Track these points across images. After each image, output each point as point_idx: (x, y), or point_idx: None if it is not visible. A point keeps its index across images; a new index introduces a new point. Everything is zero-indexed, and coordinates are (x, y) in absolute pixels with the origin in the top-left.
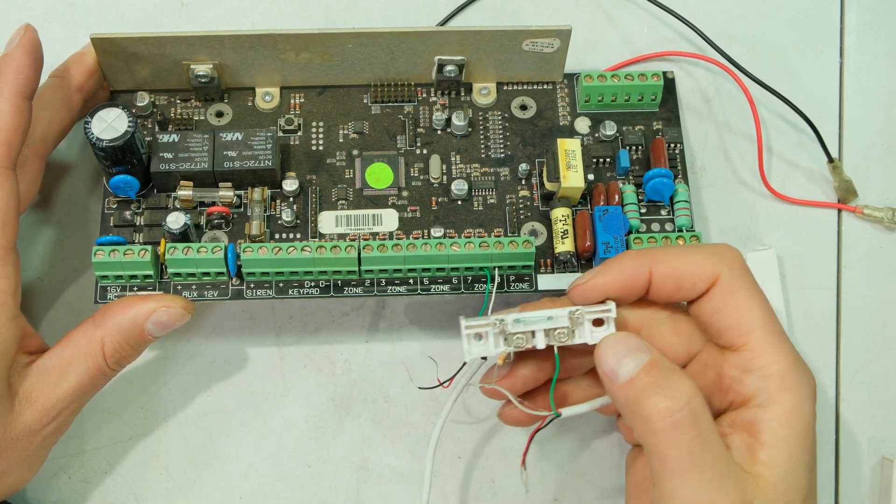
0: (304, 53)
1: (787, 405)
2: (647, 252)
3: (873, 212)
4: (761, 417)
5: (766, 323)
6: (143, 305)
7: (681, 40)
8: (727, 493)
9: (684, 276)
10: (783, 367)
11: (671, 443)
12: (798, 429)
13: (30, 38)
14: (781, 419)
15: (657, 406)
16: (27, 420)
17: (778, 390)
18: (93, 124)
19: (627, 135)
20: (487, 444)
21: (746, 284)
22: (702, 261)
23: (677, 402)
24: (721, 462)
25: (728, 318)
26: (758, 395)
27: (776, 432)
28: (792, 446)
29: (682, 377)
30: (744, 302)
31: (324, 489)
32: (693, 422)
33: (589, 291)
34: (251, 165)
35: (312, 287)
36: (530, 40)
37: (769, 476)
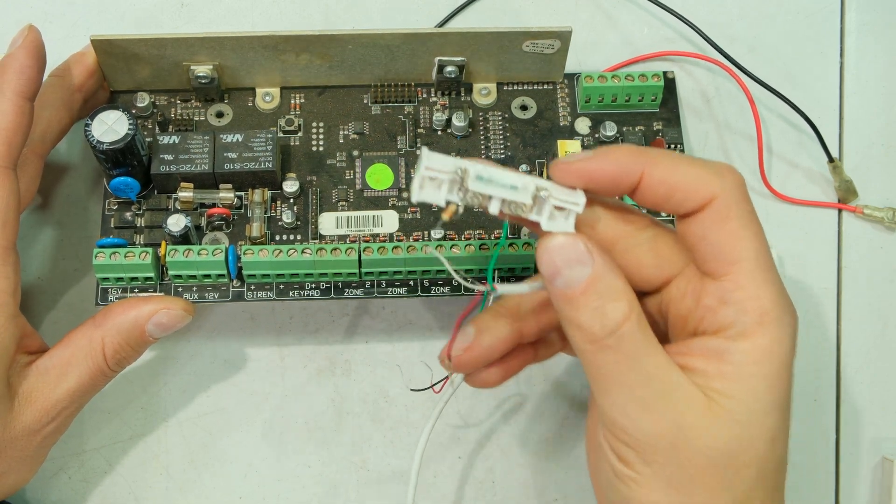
0: (304, 54)
1: (762, 343)
2: (646, 151)
3: (873, 212)
4: (731, 349)
5: (756, 256)
6: (145, 307)
7: (681, 40)
8: (660, 414)
9: (677, 188)
10: (764, 304)
11: (595, 363)
12: (769, 369)
13: (33, 39)
14: (752, 356)
15: (588, 326)
16: (27, 420)
17: (754, 326)
18: (93, 127)
19: (628, 135)
20: (487, 444)
21: (743, 212)
22: (700, 176)
23: (605, 328)
24: (655, 382)
25: (715, 245)
26: (731, 328)
27: (743, 367)
28: (758, 384)
29: (616, 299)
30: (736, 230)
31: (324, 489)
32: (616, 348)
33: (573, 172)
34: (251, 167)
35: (313, 289)
36: (530, 41)
37: (729, 407)
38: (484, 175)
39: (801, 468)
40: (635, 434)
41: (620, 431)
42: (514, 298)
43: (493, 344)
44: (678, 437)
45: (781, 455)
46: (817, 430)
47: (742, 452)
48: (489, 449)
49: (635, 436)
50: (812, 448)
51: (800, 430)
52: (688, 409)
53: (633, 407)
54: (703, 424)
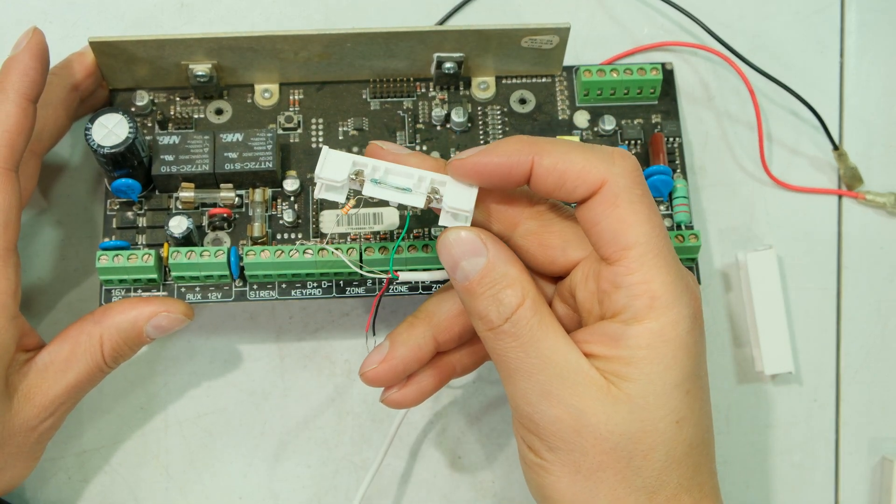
0: (302, 52)
1: (653, 326)
2: (535, 141)
3: (876, 197)
4: (625, 333)
5: (648, 240)
6: (145, 308)
7: (681, 32)
8: (559, 399)
9: (567, 174)
10: (655, 288)
11: (496, 349)
12: (664, 352)
13: (37, 42)
14: (645, 339)
15: (485, 314)
16: (25, 416)
17: (645, 310)
18: (93, 130)
19: (627, 129)
20: (487, 444)
21: (634, 197)
22: (588, 162)
23: (501, 315)
24: (554, 366)
25: (606, 231)
26: (625, 312)
27: (637, 351)
28: (653, 367)
29: (509, 286)
30: (626, 216)
31: (324, 489)
32: (513, 333)
33: (467, 168)
34: (252, 167)
35: (315, 287)
36: (529, 37)
37: (627, 390)
38: (380, 179)
39: (801, 468)
40: (538, 421)
41: (525, 419)
42: (429, 306)
43: (408, 354)
44: (580, 422)
45: (691, 437)
46: (817, 430)
47: (644, 436)
48: (489, 449)
49: (539, 422)
50: (812, 448)
51: (800, 430)
52: (587, 394)
53: (533, 392)
54: (602, 409)
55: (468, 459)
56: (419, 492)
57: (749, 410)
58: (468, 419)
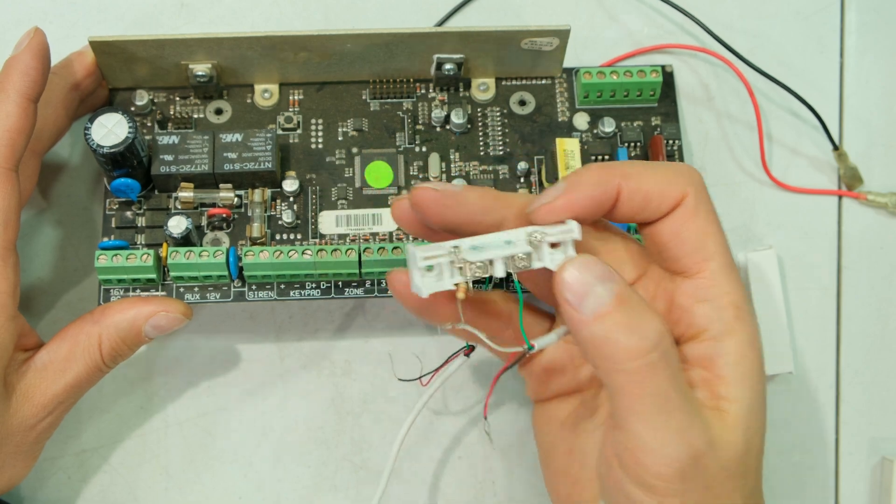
0: (302, 53)
1: (744, 337)
2: (615, 166)
3: (877, 197)
4: (718, 351)
5: (725, 251)
6: (144, 308)
7: (681, 33)
8: (696, 435)
9: (652, 193)
10: (738, 298)
11: (640, 384)
12: (756, 363)
13: (38, 42)
14: (739, 352)
15: (627, 345)
16: (23, 415)
17: (734, 321)
18: (93, 130)
19: (626, 131)
20: (487, 443)
21: (709, 208)
22: (670, 178)
23: (649, 342)
24: (688, 402)
25: (687, 242)
26: (712, 327)
27: (736, 367)
28: (752, 380)
29: (653, 312)
30: (706, 226)
31: (324, 489)
32: (665, 363)
33: (557, 211)
34: (251, 167)
35: (314, 288)
36: (529, 39)
37: (734, 411)
38: (476, 244)
39: (802, 468)
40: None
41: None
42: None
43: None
44: (708, 455)
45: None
46: (817, 430)
47: (750, 454)
48: (489, 449)
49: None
50: (812, 448)
51: (800, 430)
52: (712, 427)
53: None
54: (724, 437)
55: (468, 459)
56: (419, 492)
57: None
58: (468, 419)
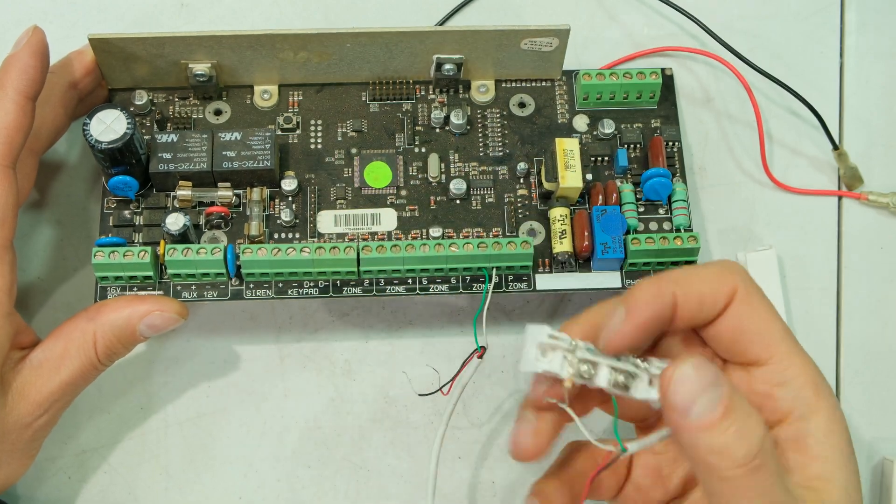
0: (302, 53)
1: (828, 413)
2: (666, 277)
3: (879, 197)
4: (806, 431)
5: (788, 333)
6: (139, 306)
7: (682, 34)
8: None
9: (706, 295)
10: (814, 375)
11: (747, 489)
12: (844, 436)
13: (37, 40)
14: (826, 428)
15: (733, 453)
16: (19, 413)
17: (816, 399)
18: (91, 126)
19: (626, 133)
20: (488, 444)
21: (762, 296)
22: (718, 276)
23: (753, 448)
24: (790, 495)
25: (752, 333)
26: (796, 409)
27: (825, 443)
28: (843, 455)
29: (757, 416)
30: (764, 314)
31: (324, 489)
32: (769, 463)
33: (627, 339)
34: (250, 165)
35: (312, 287)
36: (529, 39)
37: (829, 490)
38: (592, 349)
39: None
40: None
41: None
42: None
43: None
44: None
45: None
46: None
47: None
48: (489, 450)
49: None
50: None
51: None
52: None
53: None
54: None
55: (468, 459)
56: (419, 492)
57: None
58: (468, 419)
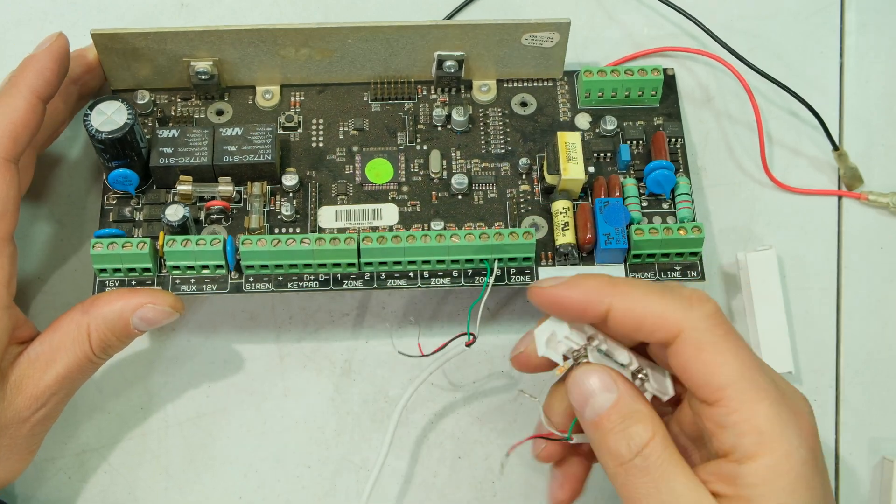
0: (303, 49)
1: (767, 462)
2: (617, 283)
3: (879, 197)
4: (739, 472)
5: (741, 377)
6: (132, 299)
7: (682, 35)
8: None
9: (644, 321)
10: (759, 424)
11: (627, 485)
12: (782, 483)
13: (60, 45)
14: (760, 475)
15: (615, 450)
16: (17, 407)
17: (755, 447)
18: (92, 117)
19: (628, 130)
20: (488, 443)
21: (717, 338)
22: (666, 310)
23: (631, 450)
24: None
25: (697, 375)
26: (734, 452)
27: (755, 489)
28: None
29: (640, 422)
30: (712, 358)
31: (324, 489)
32: (644, 468)
33: (545, 297)
34: (251, 159)
35: (312, 280)
36: (529, 34)
37: None
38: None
39: None
40: None
41: None
42: None
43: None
44: None
45: None
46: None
47: None
48: (489, 449)
49: None
50: None
51: None
52: None
53: None
54: None
55: (468, 459)
56: (419, 492)
57: None
58: (468, 419)
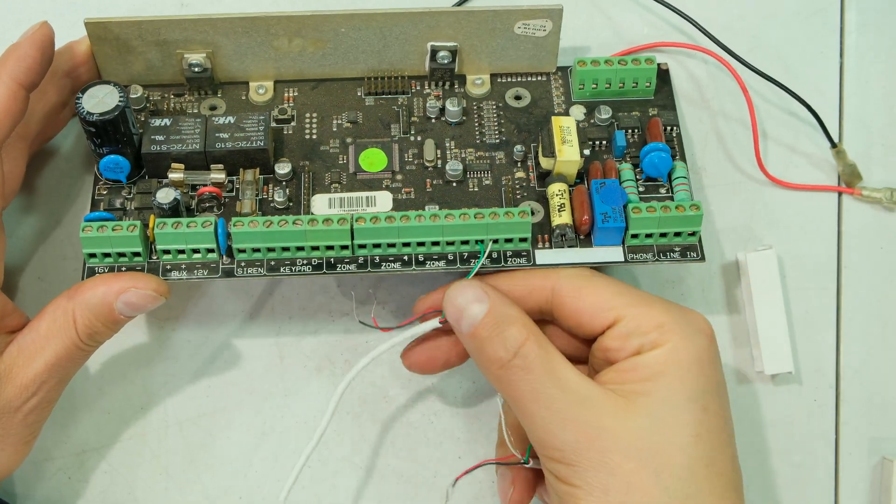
0: (297, 39)
1: (667, 347)
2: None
3: (872, 192)
4: (640, 361)
5: (625, 294)
6: (115, 284)
7: (676, 34)
8: (579, 422)
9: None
10: (658, 319)
11: (511, 386)
12: (679, 367)
13: (42, 33)
14: (660, 358)
15: (494, 355)
16: (7, 396)
17: (656, 338)
18: (84, 100)
19: (623, 119)
20: (487, 443)
21: (588, 278)
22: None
23: (508, 352)
24: (571, 393)
25: (586, 310)
26: (640, 350)
27: (653, 368)
28: (668, 380)
29: (513, 324)
30: (593, 289)
31: (324, 489)
32: (525, 367)
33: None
34: (243, 146)
35: (305, 265)
36: (522, 22)
37: (643, 402)
38: None
39: (801, 468)
40: (562, 447)
41: (549, 449)
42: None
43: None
44: (602, 440)
45: (712, 454)
46: (817, 430)
47: (666, 448)
48: (489, 449)
49: (563, 449)
50: (812, 448)
51: (800, 430)
52: (605, 412)
53: (553, 422)
54: (622, 425)
55: (468, 459)
56: (419, 492)
57: (749, 410)
58: (468, 419)
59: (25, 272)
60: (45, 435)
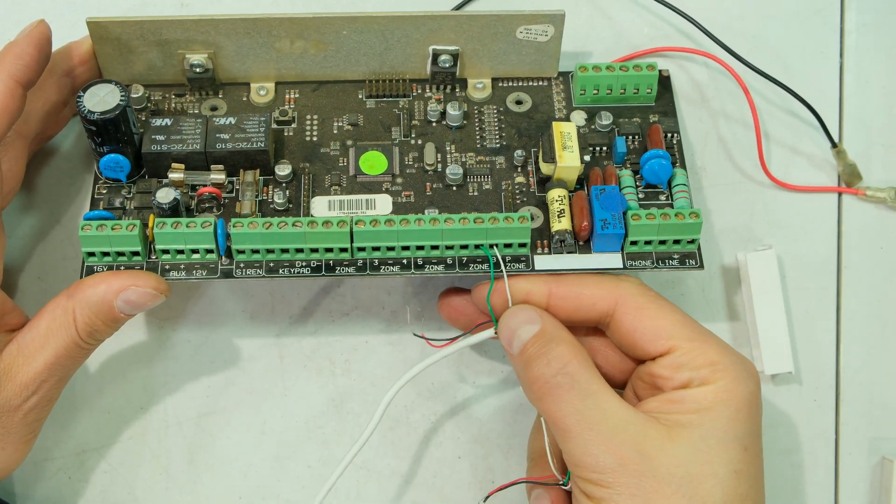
0: (298, 41)
1: (719, 385)
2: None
3: (876, 192)
4: (689, 395)
5: (685, 326)
6: (114, 282)
7: (679, 36)
8: (620, 445)
9: (581, 297)
10: (712, 355)
11: (554, 406)
12: (728, 406)
13: (40, 31)
14: (710, 395)
15: (538, 373)
16: (7, 395)
17: (708, 374)
18: (85, 98)
19: (624, 125)
20: (487, 443)
21: (652, 300)
22: (598, 284)
23: (553, 369)
24: (613, 417)
25: (644, 332)
26: (690, 384)
27: (701, 403)
28: (716, 415)
29: (559, 344)
30: (654, 314)
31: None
32: (570, 385)
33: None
34: (243, 146)
35: (304, 267)
36: (524, 27)
37: (687, 433)
38: None
39: (801, 468)
40: (600, 470)
41: (586, 470)
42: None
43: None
44: (641, 464)
45: (747, 492)
46: (817, 430)
47: (705, 479)
48: (489, 449)
49: (600, 472)
50: (812, 448)
51: (800, 430)
52: (647, 438)
53: (594, 443)
54: (663, 449)
55: (468, 459)
56: (419, 492)
57: None
58: (468, 419)
59: (25, 271)
60: (45, 434)
